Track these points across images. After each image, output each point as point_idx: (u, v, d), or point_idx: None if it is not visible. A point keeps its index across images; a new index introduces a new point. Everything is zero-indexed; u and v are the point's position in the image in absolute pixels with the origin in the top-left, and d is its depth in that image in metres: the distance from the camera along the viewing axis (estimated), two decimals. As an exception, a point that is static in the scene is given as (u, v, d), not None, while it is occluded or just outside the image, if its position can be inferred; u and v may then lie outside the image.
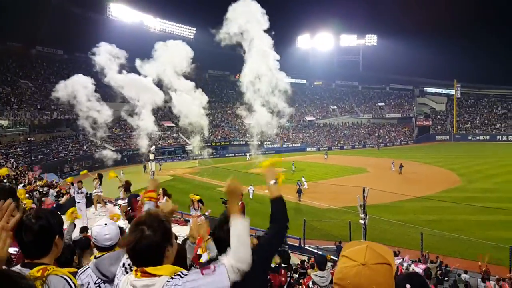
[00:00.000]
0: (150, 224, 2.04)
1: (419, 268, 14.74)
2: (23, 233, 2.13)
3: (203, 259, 3.14)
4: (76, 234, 9.42)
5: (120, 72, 16.31)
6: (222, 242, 2.54)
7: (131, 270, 2.89)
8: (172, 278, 1.97)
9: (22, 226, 2.14)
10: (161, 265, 2.02)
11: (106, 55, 16.29)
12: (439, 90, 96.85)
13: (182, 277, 1.97)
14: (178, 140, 68.89)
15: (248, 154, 62.30)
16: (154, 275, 1.97)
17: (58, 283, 2.08)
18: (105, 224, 3.27)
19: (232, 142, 73.40)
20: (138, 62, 16.29)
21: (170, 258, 2.10)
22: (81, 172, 18.93)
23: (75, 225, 10.18)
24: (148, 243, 1.98)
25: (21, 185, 21.19)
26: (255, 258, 2.54)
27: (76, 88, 16.71)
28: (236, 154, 66.57)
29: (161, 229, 2.05)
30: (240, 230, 2.15)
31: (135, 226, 2.05)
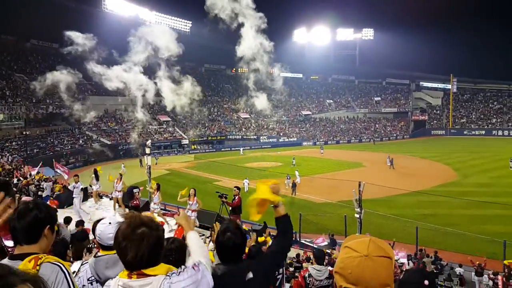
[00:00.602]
0: (147, 225, 2.02)
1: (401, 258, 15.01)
2: (16, 219, 2.19)
3: None
4: (72, 228, 9.43)
5: (99, 61, 16.18)
6: (223, 248, 2.71)
7: None
8: (169, 276, 1.99)
9: (16, 212, 2.22)
10: (157, 265, 2.03)
11: (81, 44, 16.11)
12: (435, 85, 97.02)
13: (178, 275, 2.02)
14: (174, 134, 68.76)
15: (241, 149, 62.28)
16: (150, 275, 1.98)
17: (51, 270, 2.10)
18: (109, 223, 3.29)
19: (228, 137, 73.33)
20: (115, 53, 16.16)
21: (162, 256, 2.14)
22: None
23: (70, 220, 10.18)
24: (151, 245, 1.98)
25: (16, 179, 21.13)
26: (260, 268, 2.67)
27: (58, 82, 16.59)
28: (232, 149, 66.52)
29: (157, 228, 2.05)
30: (196, 239, 2.47)
31: (132, 231, 1.98)
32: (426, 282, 1.81)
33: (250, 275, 2.53)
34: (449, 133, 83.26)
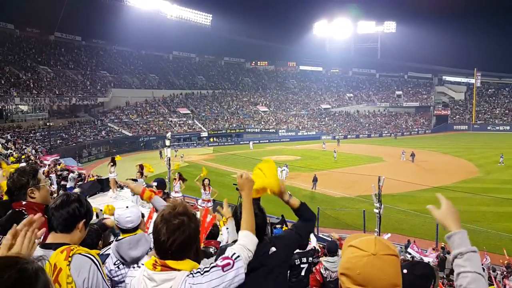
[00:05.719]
0: (189, 216, 2.00)
1: (429, 258, 14.75)
2: (55, 207, 2.29)
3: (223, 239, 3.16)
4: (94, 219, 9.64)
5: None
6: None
7: (125, 266, 2.96)
8: (192, 274, 1.92)
9: (58, 201, 2.31)
10: (183, 260, 1.97)
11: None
12: (458, 79, 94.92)
13: (202, 275, 1.93)
14: (193, 127, 69.25)
15: (251, 143, 61.83)
16: (174, 269, 1.93)
17: (83, 263, 2.12)
18: (127, 206, 3.37)
19: (247, 130, 73.32)
20: None
21: (193, 251, 2.08)
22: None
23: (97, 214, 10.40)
24: (186, 235, 1.95)
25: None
26: (282, 243, 2.63)
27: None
28: (252, 142, 66.45)
29: (196, 222, 2.03)
30: (250, 223, 2.37)
31: (173, 217, 1.97)
32: (405, 271, 1.89)
33: (274, 249, 2.51)
34: (472, 129, 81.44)
